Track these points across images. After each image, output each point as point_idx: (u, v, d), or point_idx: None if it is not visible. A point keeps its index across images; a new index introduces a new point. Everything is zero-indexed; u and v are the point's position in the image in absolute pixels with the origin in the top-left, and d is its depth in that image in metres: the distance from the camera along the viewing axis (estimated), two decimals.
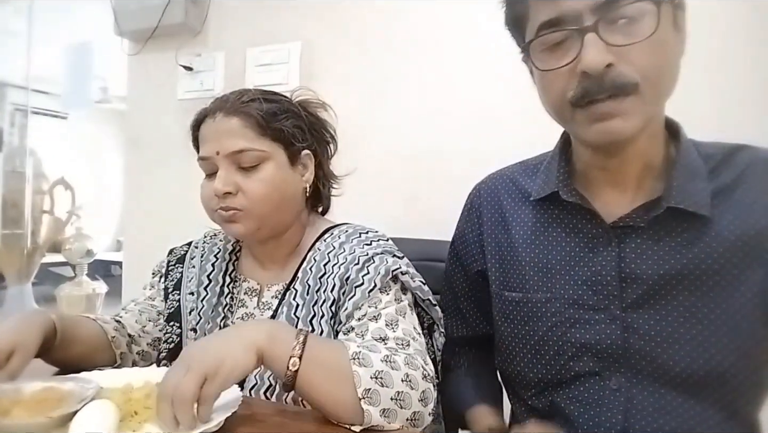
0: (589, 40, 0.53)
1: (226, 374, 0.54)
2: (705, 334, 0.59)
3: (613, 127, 0.56)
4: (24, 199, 2.85)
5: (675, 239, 0.61)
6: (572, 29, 0.55)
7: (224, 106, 0.77)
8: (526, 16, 0.60)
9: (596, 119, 0.56)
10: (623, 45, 0.53)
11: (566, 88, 0.57)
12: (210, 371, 0.53)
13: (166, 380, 0.53)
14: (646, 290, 0.61)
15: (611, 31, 0.53)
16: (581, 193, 0.66)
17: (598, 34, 0.53)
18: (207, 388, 0.53)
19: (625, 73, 0.54)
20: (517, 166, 0.80)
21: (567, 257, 0.67)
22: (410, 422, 0.61)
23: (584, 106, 0.56)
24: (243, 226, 0.76)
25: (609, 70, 0.53)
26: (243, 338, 0.58)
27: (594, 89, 0.54)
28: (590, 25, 0.53)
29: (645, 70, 0.54)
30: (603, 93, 0.54)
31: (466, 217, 0.83)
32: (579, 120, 0.58)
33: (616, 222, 0.63)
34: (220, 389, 0.54)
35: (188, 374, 0.52)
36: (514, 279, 0.72)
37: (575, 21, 0.54)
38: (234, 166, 0.75)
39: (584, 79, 0.55)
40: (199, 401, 0.52)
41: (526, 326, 0.69)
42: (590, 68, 0.53)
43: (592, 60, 0.53)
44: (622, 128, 0.56)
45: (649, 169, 0.63)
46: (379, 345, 0.66)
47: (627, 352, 0.62)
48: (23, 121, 3.74)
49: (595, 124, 0.56)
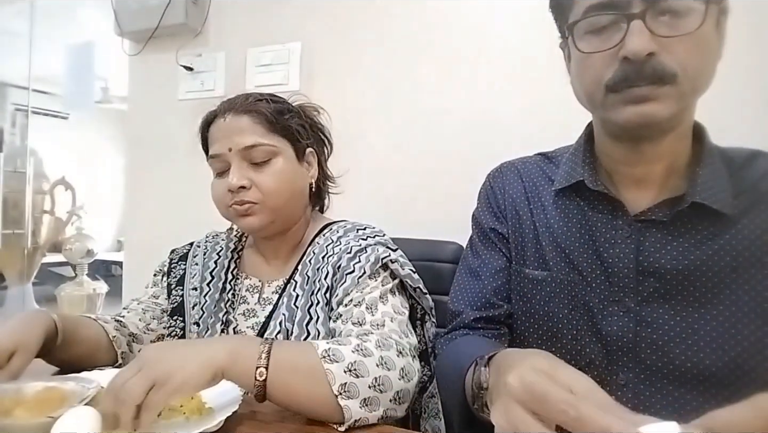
0: (635, 27, 0.54)
1: (175, 386, 0.52)
2: (719, 330, 0.60)
3: (648, 110, 0.56)
4: (25, 200, 2.85)
5: (695, 235, 0.62)
6: (620, 14, 0.56)
7: (233, 107, 0.81)
8: (573, 0, 0.61)
9: (631, 101, 0.57)
10: (667, 36, 0.54)
11: (605, 72, 0.58)
12: (160, 378, 0.52)
13: (117, 377, 0.53)
14: (662, 284, 0.62)
15: (657, 21, 0.55)
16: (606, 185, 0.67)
17: (645, 22, 0.54)
18: (153, 395, 0.51)
19: (665, 63, 0.55)
20: (537, 156, 0.80)
21: (586, 245, 0.67)
22: (394, 402, 0.61)
23: (620, 91, 0.57)
24: (258, 219, 0.78)
25: (650, 58, 0.55)
26: (201, 355, 0.56)
27: (633, 75, 0.56)
28: (638, 12, 0.54)
29: (685, 63, 0.55)
30: (642, 80, 0.55)
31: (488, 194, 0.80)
32: (611, 103, 0.59)
33: (638, 215, 0.64)
34: (165, 399, 0.52)
35: (138, 375, 0.52)
36: (534, 258, 0.72)
37: (624, 6, 0.56)
38: (246, 162, 0.78)
39: (625, 65, 0.56)
40: (143, 407, 0.51)
41: (545, 306, 0.69)
42: (633, 54, 0.55)
43: (636, 46, 0.54)
44: (657, 111, 0.56)
45: (674, 169, 0.64)
46: (353, 334, 0.67)
47: (637, 346, 0.62)
48: (24, 122, 3.75)
49: (630, 107, 0.57)
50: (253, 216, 0.78)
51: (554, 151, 0.78)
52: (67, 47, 2.73)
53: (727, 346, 0.59)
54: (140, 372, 0.52)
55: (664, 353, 0.61)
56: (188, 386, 0.54)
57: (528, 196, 0.75)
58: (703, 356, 0.60)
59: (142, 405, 0.51)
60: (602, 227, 0.67)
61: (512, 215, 0.75)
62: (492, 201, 0.79)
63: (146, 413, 0.51)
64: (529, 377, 0.39)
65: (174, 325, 0.86)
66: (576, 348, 0.66)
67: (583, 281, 0.67)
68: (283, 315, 0.78)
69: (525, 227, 0.74)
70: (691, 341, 0.60)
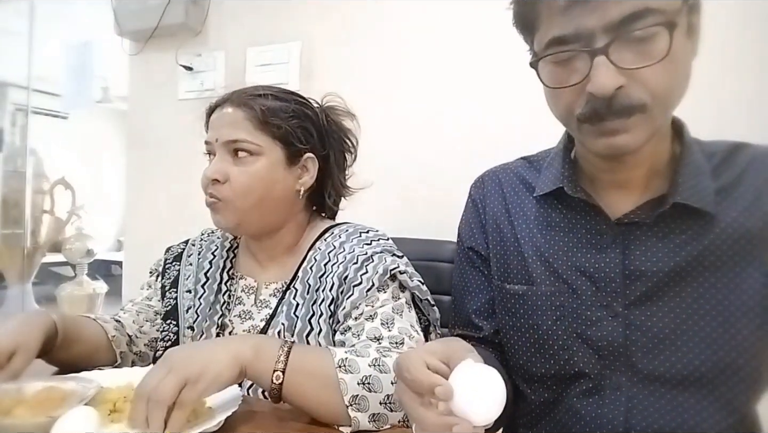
0: (599, 63, 0.53)
1: (208, 383, 0.54)
2: (707, 330, 0.59)
3: (619, 142, 0.56)
4: (25, 199, 2.85)
5: (680, 235, 0.61)
6: (582, 50, 0.54)
7: (234, 98, 0.79)
8: (536, 25, 0.60)
9: (602, 134, 0.56)
10: (635, 68, 0.53)
11: (574, 104, 0.57)
12: (192, 376, 0.53)
13: (146, 380, 0.53)
14: (650, 286, 0.62)
15: (623, 51, 0.52)
16: (586, 190, 0.66)
17: (609, 58, 0.52)
18: (186, 393, 0.52)
19: (633, 96, 0.53)
20: (519, 161, 0.79)
21: (569, 253, 0.67)
22: (403, 423, 0.61)
23: (592, 123, 0.56)
24: (223, 217, 0.77)
25: (618, 92, 0.53)
26: (229, 351, 0.58)
27: (602, 110, 0.54)
28: (601, 47, 0.52)
29: (655, 90, 0.54)
30: (611, 114, 0.54)
31: (470, 208, 0.81)
32: (585, 132, 0.58)
33: (620, 219, 0.63)
34: (198, 396, 0.53)
35: (169, 375, 0.52)
36: (517, 272, 0.71)
37: (587, 40, 0.53)
38: (229, 156, 0.77)
39: (593, 100, 0.55)
40: (175, 406, 0.52)
41: (530, 319, 0.69)
42: (599, 92, 0.53)
43: (601, 84, 0.53)
44: (628, 143, 0.56)
45: (655, 171, 0.63)
46: (372, 346, 0.66)
47: (628, 350, 0.62)
48: (24, 121, 3.74)
49: (602, 138, 0.57)
50: (218, 214, 0.77)
51: (537, 154, 0.77)
52: (67, 47, 2.73)
53: (716, 345, 0.59)
54: (170, 373, 0.52)
55: (654, 356, 0.61)
56: (219, 382, 0.55)
57: (509, 208, 0.74)
58: (692, 357, 0.59)
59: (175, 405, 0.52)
60: (586, 232, 0.66)
61: (493, 229, 0.75)
62: (472, 217, 0.79)
63: (179, 412, 0.52)
64: (402, 356, 0.49)
65: (167, 329, 0.84)
66: (565, 357, 0.66)
67: (569, 289, 0.66)
68: (282, 324, 0.76)
69: (507, 241, 0.73)
70: (681, 342, 0.60)
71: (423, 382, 0.45)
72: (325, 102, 0.86)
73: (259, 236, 0.82)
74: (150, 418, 0.51)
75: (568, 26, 0.54)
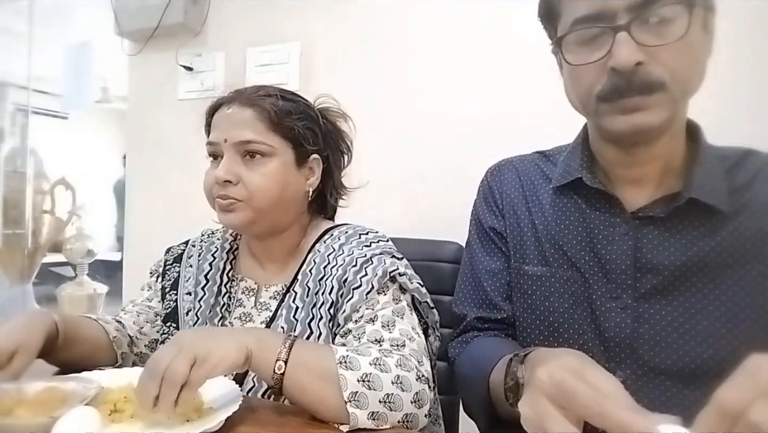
0: (621, 39, 0.55)
1: (215, 362, 0.55)
2: (716, 325, 0.60)
3: (639, 120, 0.57)
4: (25, 200, 2.85)
5: (692, 232, 0.63)
6: (606, 26, 0.56)
7: (240, 98, 0.78)
8: (560, 11, 0.62)
9: (622, 111, 0.58)
10: (654, 45, 0.55)
11: (595, 82, 0.59)
12: (200, 355, 0.54)
13: (156, 359, 0.54)
14: (660, 280, 0.63)
15: (643, 30, 0.55)
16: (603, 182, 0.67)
17: (630, 34, 0.55)
18: (195, 372, 0.53)
19: (653, 72, 0.55)
20: (535, 154, 0.80)
21: (583, 243, 0.68)
22: (403, 424, 0.61)
23: (611, 101, 0.58)
24: (238, 216, 0.76)
25: (638, 68, 0.55)
26: (234, 337, 0.60)
27: (623, 86, 0.56)
28: (623, 23, 0.55)
29: (673, 69, 0.56)
30: (631, 90, 0.56)
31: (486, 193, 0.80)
32: (603, 112, 0.60)
33: (635, 212, 0.65)
34: (207, 375, 0.55)
35: (180, 355, 0.53)
36: (534, 256, 0.72)
37: (609, 19, 0.56)
38: (239, 157, 0.76)
39: (614, 76, 0.57)
40: (185, 385, 0.53)
41: (546, 301, 0.69)
42: (621, 66, 0.55)
43: (622, 58, 0.55)
44: (648, 121, 0.57)
45: (669, 169, 0.65)
46: (373, 348, 0.66)
47: (635, 342, 0.63)
48: (24, 122, 3.75)
49: (621, 116, 0.58)
50: (233, 213, 0.75)
51: (552, 149, 0.79)
52: (67, 47, 2.73)
53: (725, 341, 0.60)
54: (181, 352, 0.54)
55: (662, 349, 0.62)
56: (226, 363, 0.56)
57: (525, 195, 0.75)
58: (700, 351, 0.60)
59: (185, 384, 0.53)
60: (600, 224, 0.67)
61: (510, 213, 0.76)
62: (490, 199, 0.79)
63: (188, 390, 0.53)
64: (558, 374, 0.41)
65: (167, 332, 0.83)
66: (577, 344, 0.66)
67: (582, 278, 0.67)
68: (281, 328, 0.75)
69: (523, 224, 0.74)
70: (689, 337, 0.61)
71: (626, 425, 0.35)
72: (319, 103, 0.86)
73: (265, 236, 0.82)
74: (162, 397, 0.52)
75: (593, 6, 0.57)
